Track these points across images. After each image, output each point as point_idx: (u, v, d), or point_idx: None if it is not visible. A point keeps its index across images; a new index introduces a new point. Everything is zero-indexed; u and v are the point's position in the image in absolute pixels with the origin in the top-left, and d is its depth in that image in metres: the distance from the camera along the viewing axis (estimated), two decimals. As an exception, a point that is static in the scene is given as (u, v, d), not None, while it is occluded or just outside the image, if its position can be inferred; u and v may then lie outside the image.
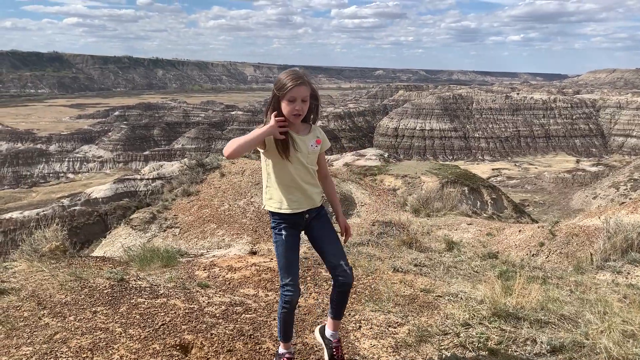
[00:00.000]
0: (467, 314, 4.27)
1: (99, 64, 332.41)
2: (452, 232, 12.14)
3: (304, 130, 3.36)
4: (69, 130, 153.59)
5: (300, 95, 3.19)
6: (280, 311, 3.41)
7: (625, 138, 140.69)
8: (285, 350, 3.56)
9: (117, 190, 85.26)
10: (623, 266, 7.10)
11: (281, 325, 3.47)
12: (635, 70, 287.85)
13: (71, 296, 4.50)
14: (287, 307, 3.36)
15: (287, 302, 3.34)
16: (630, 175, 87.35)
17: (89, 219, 58.38)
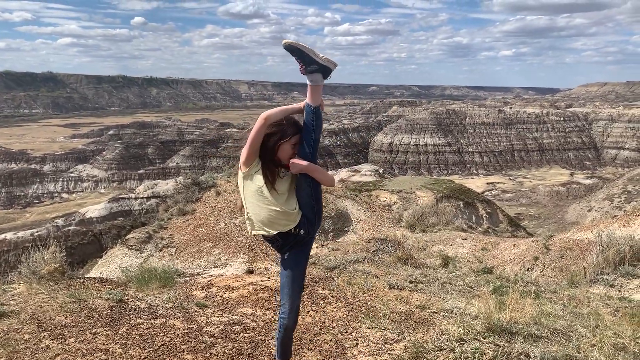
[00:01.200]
0: (462, 329, 4.34)
1: (93, 84, 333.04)
2: (447, 247, 12.22)
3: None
4: (63, 150, 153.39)
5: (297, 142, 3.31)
6: (277, 335, 3.60)
7: (618, 150, 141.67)
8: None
9: (111, 209, 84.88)
10: (616, 279, 7.18)
11: (278, 347, 3.65)
12: (626, 83, 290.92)
13: (71, 318, 4.55)
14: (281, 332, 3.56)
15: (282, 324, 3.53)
16: (624, 188, 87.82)
17: (83, 239, 58.05)
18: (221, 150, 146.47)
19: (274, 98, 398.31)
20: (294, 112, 3.35)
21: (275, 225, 3.31)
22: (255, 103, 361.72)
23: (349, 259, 6.97)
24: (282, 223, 3.32)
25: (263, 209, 3.28)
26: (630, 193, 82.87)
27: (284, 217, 3.31)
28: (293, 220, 3.34)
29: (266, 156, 3.28)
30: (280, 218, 3.30)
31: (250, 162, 3.28)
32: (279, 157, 3.28)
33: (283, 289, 3.49)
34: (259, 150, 3.27)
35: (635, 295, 6.34)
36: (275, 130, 3.26)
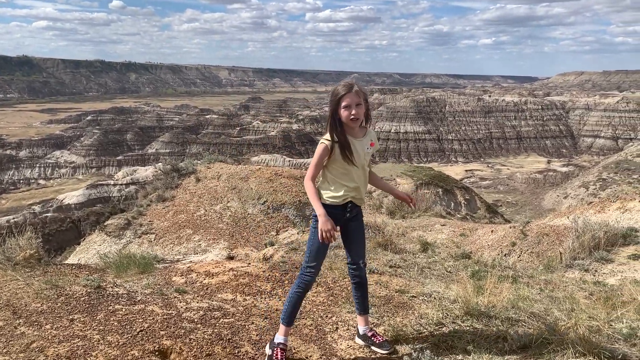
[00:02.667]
0: (441, 313, 4.39)
1: (71, 68, 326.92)
2: (426, 233, 12.33)
3: (360, 133, 3.68)
4: (40, 136, 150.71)
5: (353, 101, 3.51)
6: (295, 292, 3.72)
7: (593, 139, 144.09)
8: (282, 338, 3.73)
9: (90, 196, 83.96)
10: (591, 264, 7.33)
11: (290, 307, 3.73)
12: (603, 72, 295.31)
13: (47, 304, 4.48)
14: (302, 288, 3.72)
15: (306, 282, 3.71)
16: (599, 175, 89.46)
17: (61, 226, 57.38)
18: (201, 137, 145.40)
19: (255, 84, 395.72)
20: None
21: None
22: (236, 89, 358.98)
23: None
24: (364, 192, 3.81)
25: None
26: (605, 180, 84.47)
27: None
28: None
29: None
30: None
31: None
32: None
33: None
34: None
35: (609, 280, 6.48)
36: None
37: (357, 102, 3.52)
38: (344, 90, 3.53)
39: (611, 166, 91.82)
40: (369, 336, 3.89)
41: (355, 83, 3.61)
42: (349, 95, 3.51)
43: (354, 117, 3.52)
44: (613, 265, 7.32)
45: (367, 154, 3.67)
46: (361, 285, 3.90)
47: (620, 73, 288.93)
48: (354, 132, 3.63)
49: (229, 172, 15.67)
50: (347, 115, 3.52)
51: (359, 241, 3.84)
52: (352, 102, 3.51)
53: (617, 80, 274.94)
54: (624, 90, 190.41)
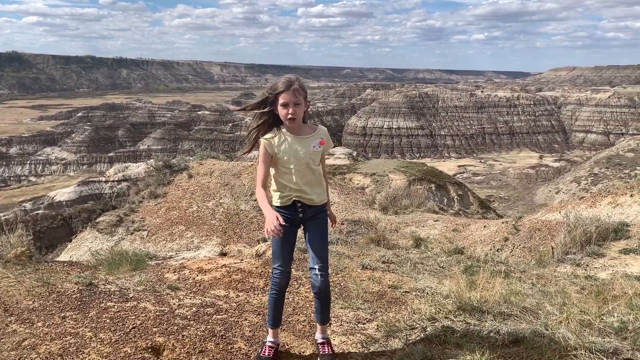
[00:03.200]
0: (434, 308, 4.40)
1: (61, 64, 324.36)
2: (419, 228, 12.37)
3: (308, 131, 3.56)
4: (30, 132, 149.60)
5: (291, 100, 3.39)
6: (270, 295, 3.64)
7: (585, 134, 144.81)
8: (271, 339, 3.69)
9: (81, 193, 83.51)
10: (582, 259, 7.38)
11: (270, 310, 3.66)
12: (594, 68, 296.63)
13: (39, 302, 4.45)
14: (275, 289, 3.60)
15: (275, 283, 3.59)
16: (590, 170, 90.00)
17: (52, 223, 56.98)
18: (193, 133, 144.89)
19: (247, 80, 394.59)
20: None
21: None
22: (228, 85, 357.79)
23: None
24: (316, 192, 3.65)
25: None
26: (597, 175, 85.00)
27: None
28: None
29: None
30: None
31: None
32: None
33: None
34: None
35: (600, 274, 6.52)
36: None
37: (295, 101, 3.40)
38: (283, 87, 3.40)
39: (603, 161, 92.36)
40: (318, 344, 3.72)
41: (296, 80, 3.47)
42: (287, 92, 3.39)
43: (291, 117, 3.40)
44: (604, 259, 7.37)
45: (313, 153, 3.52)
46: (318, 294, 3.60)
47: (612, 68, 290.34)
48: (298, 130, 3.52)
49: (221, 168, 15.63)
50: (285, 114, 3.41)
51: (315, 243, 3.58)
52: (290, 101, 3.39)
53: (609, 75, 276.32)
54: (615, 86, 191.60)
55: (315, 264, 3.53)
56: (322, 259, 3.54)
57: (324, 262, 3.55)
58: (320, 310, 3.67)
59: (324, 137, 3.59)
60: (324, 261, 3.56)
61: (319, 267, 3.52)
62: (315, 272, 3.52)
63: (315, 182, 3.58)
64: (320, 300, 3.62)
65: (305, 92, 3.47)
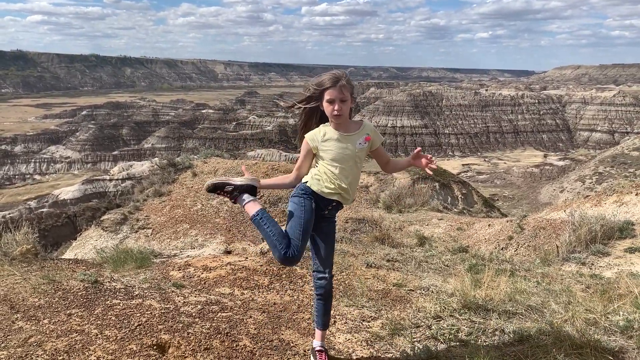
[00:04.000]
0: (438, 306, 4.40)
1: (65, 63, 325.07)
2: (423, 227, 12.35)
3: (354, 128, 3.45)
4: (35, 131, 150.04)
5: (338, 96, 3.30)
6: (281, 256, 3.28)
7: (590, 132, 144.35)
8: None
9: (85, 191, 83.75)
10: (587, 257, 7.36)
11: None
12: (599, 66, 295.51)
13: (45, 299, 4.47)
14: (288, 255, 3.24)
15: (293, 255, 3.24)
16: (595, 169, 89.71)
17: (57, 221, 57.14)
18: (197, 132, 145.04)
19: (251, 78, 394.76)
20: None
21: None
22: (232, 84, 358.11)
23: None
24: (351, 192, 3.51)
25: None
26: (602, 174, 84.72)
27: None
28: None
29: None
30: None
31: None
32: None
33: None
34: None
35: (605, 273, 6.50)
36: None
37: (341, 97, 3.31)
38: (329, 83, 3.32)
39: (607, 160, 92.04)
40: (316, 351, 3.58)
41: (343, 76, 3.38)
42: (333, 89, 3.31)
43: (337, 114, 3.31)
44: (610, 258, 7.35)
45: (360, 150, 3.41)
46: (325, 298, 3.51)
47: (617, 67, 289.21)
48: (344, 127, 3.42)
49: (225, 166, 15.64)
50: (330, 110, 3.32)
51: (329, 246, 3.49)
52: (337, 97, 3.30)
53: (614, 74, 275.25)
54: (620, 84, 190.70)
55: (326, 267, 3.46)
56: (331, 264, 3.53)
57: (331, 267, 3.54)
58: (323, 313, 3.56)
59: (370, 132, 3.49)
60: (332, 266, 3.55)
61: (329, 271, 3.48)
62: (325, 275, 3.45)
63: (356, 182, 3.49)
64: (325, 302, 3.52)
65: (352, 87, 3.39)
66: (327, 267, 3.47)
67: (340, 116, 3.33)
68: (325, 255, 3.46)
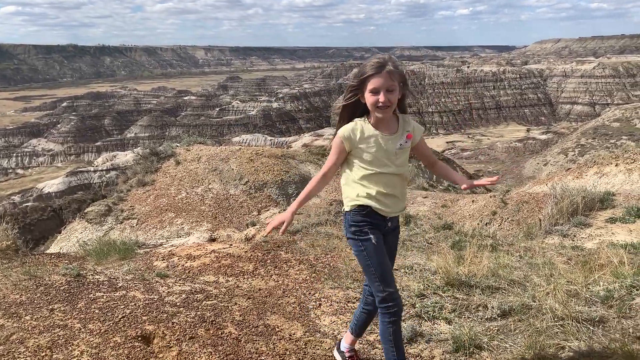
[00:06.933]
0: (422, 285, 4.43)
1: (43, 54, 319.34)
2: (409, 206, 12.40)
3: (393, 126, 2.93)
4: (15, 124, 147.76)
5: (384, 85, 2.77)
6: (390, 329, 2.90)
7: (571, 105, 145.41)
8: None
9: (70, 183, 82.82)
10: (569, 229, 7.43)
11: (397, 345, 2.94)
12: (579, 39, 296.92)
13: (26, 295, 4.43)
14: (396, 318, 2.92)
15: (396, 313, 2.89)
16: (577, 141, 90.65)
17: (42, 215, 56.47)
18: (180, 119, 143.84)
19: (232, 63, 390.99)
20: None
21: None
22: (213, 69, 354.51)
23: (311, 222, 6.99)
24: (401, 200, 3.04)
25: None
26: (584, 146, 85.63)
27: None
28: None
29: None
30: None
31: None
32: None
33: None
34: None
35: (587, 244, 6.58)
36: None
37: (388, 86, 2.76)
38: (373, 69, 2.76)
39: (589, 132, 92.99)
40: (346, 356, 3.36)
41: (390, 60, 2.81)
42: (378, 76, 2.76)
43: (383, 105, 2.77)
44: (591, 229, 7.43)
45: (400, 153, 2.90)
46: (370, 315, 3.21)
47: (596, 39, 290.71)
48: (382, 125, 2.89)
49: (209, 153, 15.55)
50: (374, 101, 2.78)
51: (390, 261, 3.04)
52: (382, 86, 2.75)
53: (593, 46, 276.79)
54: (600, 56, 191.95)
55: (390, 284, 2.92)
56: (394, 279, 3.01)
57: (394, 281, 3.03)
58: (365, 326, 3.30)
59: (411, 128, 2.96)
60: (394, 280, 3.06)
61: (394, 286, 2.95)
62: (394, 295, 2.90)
63: (402, 186, 2.98)
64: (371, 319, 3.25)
65: (401, 75, 2.82)
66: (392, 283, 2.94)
67: (387, 108, 2.80)
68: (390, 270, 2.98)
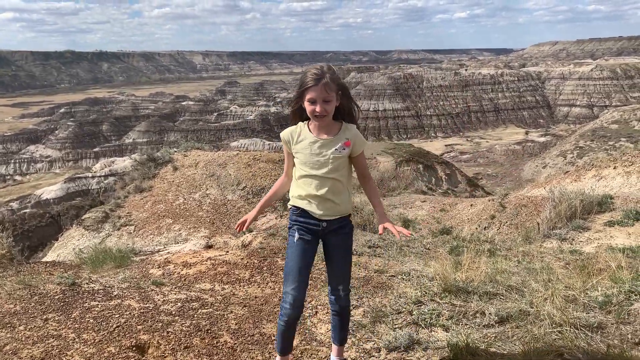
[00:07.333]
0: (419, 291, 4.40)
1: (40, 60, 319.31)
2: (407, 210, 12.38)
3: (331, 132, 3.05)
4: (13, 131, 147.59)
5: (319, 96, 2.92)
6: (278, 323, 3.17)
7: (569, 108, 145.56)
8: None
9: (68, 189, 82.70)
10: (568, 233, 7.42)
11: (279, 338, 3.22)
12: (576, 41, 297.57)
13: (20, 305, 4.39)
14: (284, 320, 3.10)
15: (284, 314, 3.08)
16: (576, 144, 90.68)
17: (41, 221, 56.37)
18: (178, 124, 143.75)
19: (230, 68, 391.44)
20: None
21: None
22: (211, 74, 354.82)
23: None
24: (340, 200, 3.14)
25: None
26: (582, 148, 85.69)
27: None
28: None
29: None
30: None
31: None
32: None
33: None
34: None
35: (585, 248, 6.56)
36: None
37: (324, 97, 2.92)
38: (312, 81, 2.92)
39: (588, 134, 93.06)
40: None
41: (328, 72, 2.95)
42: (315, 88, 2.92)
43: (319, 114, 2.94)
44: (590, 233, 7.42)
45: (335, 158, 3.00)
46: (339, 315, 3.29)
47: (593, 41, 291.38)
48: (324, 130, 3.04)
49: (206, 159, 15.51)
50: (311, 111, 2.95)
51: (337, 261, 3.17)
52: (318, 97, 2.92)
53: (591, 48, 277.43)
54: (597, 58, 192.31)
55: (339, 284, 3.17)
56: (346, 279, 3.21)
57: (347, 281, 3.22)
58: (340, 329, 3.34)
59: (351, 137, 3.04)
60: (348, 280, 3.23)
61: (343, 288, 3.18)
62: (339, 293, 3.18)
63: (337, 190, 3.05)
64: (342, 318, 3.30)
65: (338, 85, 2.97)
66: (339, 282, 3.18)
67: (323, 117, 2.96)
68: (337, 269, 3.18)
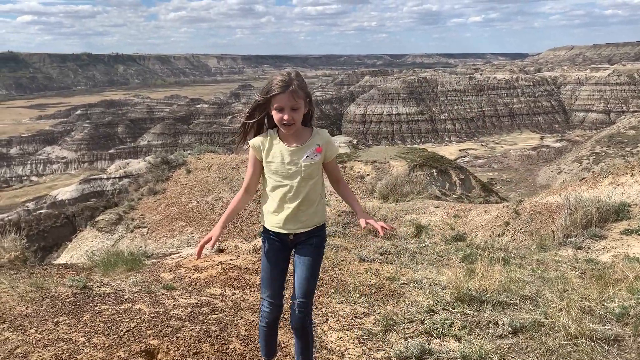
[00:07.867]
0: (432, 300, 4.34)
1: (57, 63, 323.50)
2: (420, 216, 12.28)
3: (302, 138, 2.99)
4: (30, 132, 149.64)
5: (287, 104, 2.85)
6: (260, 326, 3.23)
7: (586, 113, 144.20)
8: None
9: (83, 190, 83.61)
10: (583, 241, 7.30)
11: (262, 341, 3.29)
12: (593, 46, 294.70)
13: (32, 307, 4.40)
14: (264, 322, 3.17)
15: (263, 317, 3.16)
16: (592, 149, 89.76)
17: (56, 222, 56.96)
18: (193, 127, 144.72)
19: (245, 71, 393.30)
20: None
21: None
22: (226, 77, 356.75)
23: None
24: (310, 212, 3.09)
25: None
26: (598, 154, 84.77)
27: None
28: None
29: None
30: None
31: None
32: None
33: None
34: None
35: (601, 257, 6.45)
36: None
37: (292, 105, 2.85)
38: (278, 89, 2.83)
39: (604, 140, 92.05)
40: None
41: (296, 79, 2.87)
42: (282, 95, 2.83)
43: (287, 122, 2.86)
44: (606, 241, 7.29)
45: (307, 165, 2.94)
46: (296, 332, 3.15)
47: (610, 46, 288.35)
48: (293, 138, 2.97)
49: (219, 162, 15.56)
50: (279, 119, 2.87)
51: (301, 273, 3.02)
52: (286, 105, 2.84)
53: (608, 53, 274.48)
54: (614, 63, 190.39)
55: (296, 297, 3.03)
56: (305, 293, 3.02)
57: (306, 297, 3.03)
58: (299, 351, 3.21)
59: (322, 143, 3.00)
60: (307, 296, 3.03)
61: (298, 303, 3.02)
62: (294, 307, 3.05)
63: (311, 200, 3.00)
64: (298, 339, 3.17)
65: (305, 92, 2.91)
66: (296, 296, 3.04)
67: (291, 126, 2.89)
68: (298, 281, 3.05)
